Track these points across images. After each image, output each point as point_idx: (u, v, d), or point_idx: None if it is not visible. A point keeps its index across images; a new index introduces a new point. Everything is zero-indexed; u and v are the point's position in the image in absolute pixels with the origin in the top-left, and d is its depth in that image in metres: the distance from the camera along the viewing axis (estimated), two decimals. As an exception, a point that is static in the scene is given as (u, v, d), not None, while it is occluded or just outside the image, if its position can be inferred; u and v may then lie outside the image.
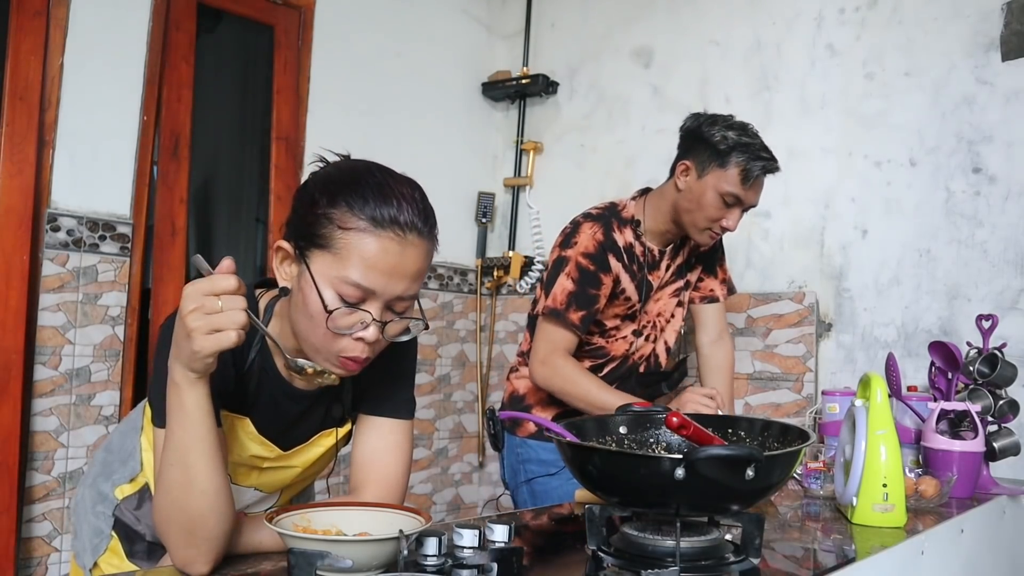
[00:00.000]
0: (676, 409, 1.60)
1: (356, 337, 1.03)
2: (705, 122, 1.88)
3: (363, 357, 1.06)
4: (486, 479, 3.34)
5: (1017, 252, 2.27)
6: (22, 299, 2.12)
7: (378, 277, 1.00)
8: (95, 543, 1.30)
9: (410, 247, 1.02)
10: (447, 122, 3.28)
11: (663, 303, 2.06)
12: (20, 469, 2.10)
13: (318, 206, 1.02)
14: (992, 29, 2.34)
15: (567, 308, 1.88)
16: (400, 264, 1.01)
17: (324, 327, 1.02)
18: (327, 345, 1.04)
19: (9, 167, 2.12)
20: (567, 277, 1.90)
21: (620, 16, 3.13)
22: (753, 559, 1.06)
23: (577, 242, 1.92)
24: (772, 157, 1.86)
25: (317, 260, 1.02)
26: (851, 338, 2.53)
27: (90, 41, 2.26)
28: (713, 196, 1.85)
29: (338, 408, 1.26)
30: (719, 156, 1.84)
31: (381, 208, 1.00)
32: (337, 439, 1.27)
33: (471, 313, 3.32)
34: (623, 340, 2.01)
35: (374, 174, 1.05)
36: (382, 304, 1.03)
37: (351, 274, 1.00)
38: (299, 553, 0.90)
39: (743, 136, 1.84)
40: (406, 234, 1.01)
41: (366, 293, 1.01)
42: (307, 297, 1.03)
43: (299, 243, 1.05)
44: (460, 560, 0.96)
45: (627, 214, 1.99)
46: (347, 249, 1.00)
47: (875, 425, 1.41)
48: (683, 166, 1.90)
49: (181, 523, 0.98)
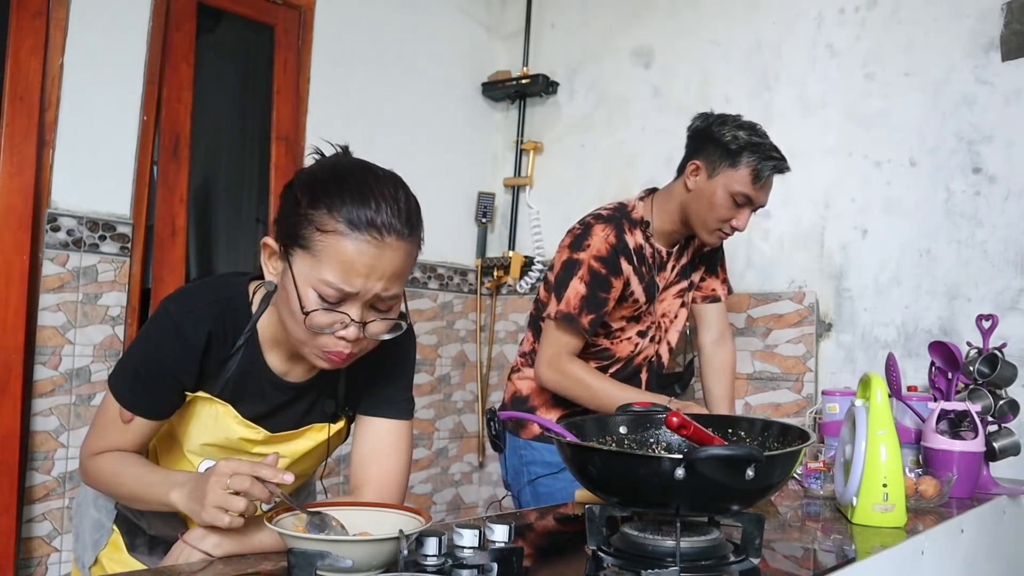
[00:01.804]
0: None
1: (338, 336, 1.05)
2: (715, 122, 1.88)
3: (346, 353, 1.07)
4: (486, 479, 3.34)
5: (1017, 252, 2.27)
6: (22, 299, 2.12)
7: (355, 279, 1.01)
8: (96, 538, 1.31)
9: (388, 249, 1.02)
10: (447, 122, 3.28)
11: (667, 303, 2.06)
12: (20, 469, 2.10)
13: (300, 206, 1.04)
14: (992, 29, 2.34)
15: (580, 313, 1.86)
16: (377, 266, 1.01)
17: (304, 325, 1.04)
18: (310, 340, 1.07)
19: (9, 167, 2.12)
20: (580, 281, 1.87)
21: (620, 16, 3.13)
22: (753, 559, 1.06)
23: (589, 244, 1.89)
24: (782, 157, 1.87)
25: (299, 260, 1.04)
26: (851, 338, 2.53)
27: (90, 41, 2.26)
28: (724, 196, 1.85)
29: (331, 404, 1.26)
30: (730, 156, 1.83)
31: (358, 210, 1.00)
32: (329, 435, 1.27)
33: (471, 313, 3.32)
34: (628, 341, 2.00)
35: (355, 173, 1.05)
36: (361, 304, 1.04)
37: (328, 276, 1.01)
38: (299, 553, 0.90)
39: (753, 136, 1.85)
40: (384, 236, 1.01)
41: (344, 295, 1.02)
42: (289, 295, 1.05)
43: (284, 241, 1.07)
44: (460, 560, 0.96)
45: (637, 215, 1.97)
46: (325, 252, 1.01)
47: (875, 425, 1.41)
48: (693, 166, 1.89)
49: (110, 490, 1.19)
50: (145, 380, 1.14)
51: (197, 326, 1.13)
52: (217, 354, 1.15)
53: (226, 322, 1.15)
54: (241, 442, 1.23)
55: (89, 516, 1.33)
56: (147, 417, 1.16)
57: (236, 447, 1.24)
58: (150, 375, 1.14)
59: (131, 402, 1.15)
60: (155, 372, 1.14)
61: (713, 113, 1.92)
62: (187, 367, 1.13)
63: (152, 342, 1.15)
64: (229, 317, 1.16)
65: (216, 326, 1.14)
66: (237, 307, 1.17)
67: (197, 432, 1.22)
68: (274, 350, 1.19)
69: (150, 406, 1.16)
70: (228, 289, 1.18)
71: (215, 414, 1.20)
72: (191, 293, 1.19)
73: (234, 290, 1.18)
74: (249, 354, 1.18)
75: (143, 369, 1.15)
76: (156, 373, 1.14)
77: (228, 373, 1.17)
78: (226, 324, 1.15)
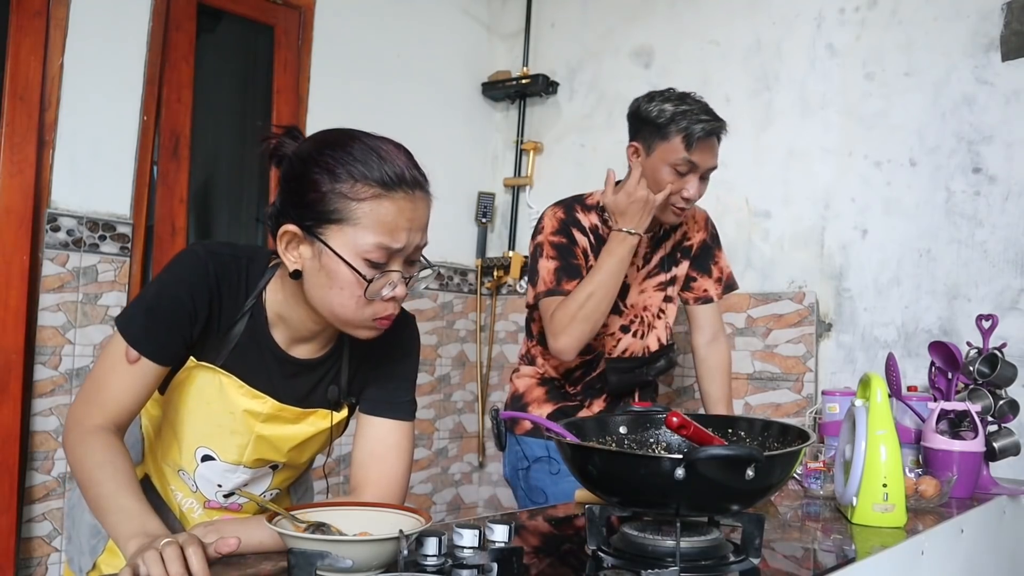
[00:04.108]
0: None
1: (388, 297, 1.09)
2: (643, 100, 1.91)
3: (395, 314, 1.11)
4: (486, 479, 3.34)
5: (1017, 252, 2.27)
6: (22, 299, 2.12)
7: (400, 235, 1.05)
8: (93, 544, 1.29)
9: (419, 200, 1.08)
10: (447, 122, 3.28)
11: (648, 296, 2.05)
12: (20, 469, 2.10)
13: (321, 184, 1.05)
14: (992, 29, 2.34)
15: (559, 283, 1.89)
16: (415, 218, 1.07)
17: (360, 296, 1.06)
18: (361, 313, 1.09)
19: (9, 167, 2.12)
20: (547, 259, 1.92)
21: (620, 16, 3.13)
22: (753, 559, 1.06)
23: (543, 227, 1.97)
24: (714, 117, 1.86)
25: (335, 236, 1.05)
26: (851, 338, 2.53)
27: (90, 41, 2.26)
28: (665, 169, 1.87)
29: (334, 390, 1.26)
30: (659, 129, 1.86)
31: (384, 171, 1.04)
32: (332, 423, 1.27)
33: (471, 313, 3.32)
34: (611, 336, 2.01)
35: (360, 140, 1.08)
36: (403, 261, 1.08)
37: (376, 239, 1.04)
38: (299, 553, 0.90)
39: (681, 105, 1.86)
40: (414, 189, 1.07)
41: (391, 253, 1.06)
42: (334, 272, 1.06)
43: (306, 224, 1.07)
44: (460, 560, 0.96)
45: (591, 201, 2.01)
46: (366, 218, 1.04)
47: (875, 425, 1.41)
48: (632, 148, 1.93)
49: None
50: (157, 313, 1.12)
51: (218, 268, 1.14)
52: (227, 312, 1.16)
53: (241, 279, 1.17)
54: (246, 417, 1.20)
55: (85, 521, 1.30)
56: (151, 358, 1.12)
57: (241, 428, 1.21)
58: (163, 307, 1.12)
59: (137, 337, 1.12)
60: (169, 305, 1.12)
61: (644, 94, 1.93)
62: (200, 304, 1.12)
63: (171, 274, 1.15)
64: (245, 276, 1.17)
65: (232, 278, 1.16)
66: (254, 271, 1.18)
67: (198, 409, 1.21)
68: (279, 327, 1.19)
69: (156, 345, 1.12)
70: (252, 252, 1.20)
71: (218, 386, 1.18)
72: (219, 244, 1.21)
73: (257, 256, 1.20)
74: (254, 325, 1.18)
75: (157, 301, 1.13)
76: (170, 306, 1.12)
77: (233, 341, 1.17)
78: (240, 280, 1.17)
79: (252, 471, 1.28)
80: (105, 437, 1.09)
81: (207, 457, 1.24)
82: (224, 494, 1.29)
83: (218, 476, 1.26)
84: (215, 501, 1.29)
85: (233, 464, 1.25)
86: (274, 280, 1.18)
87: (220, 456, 1.24)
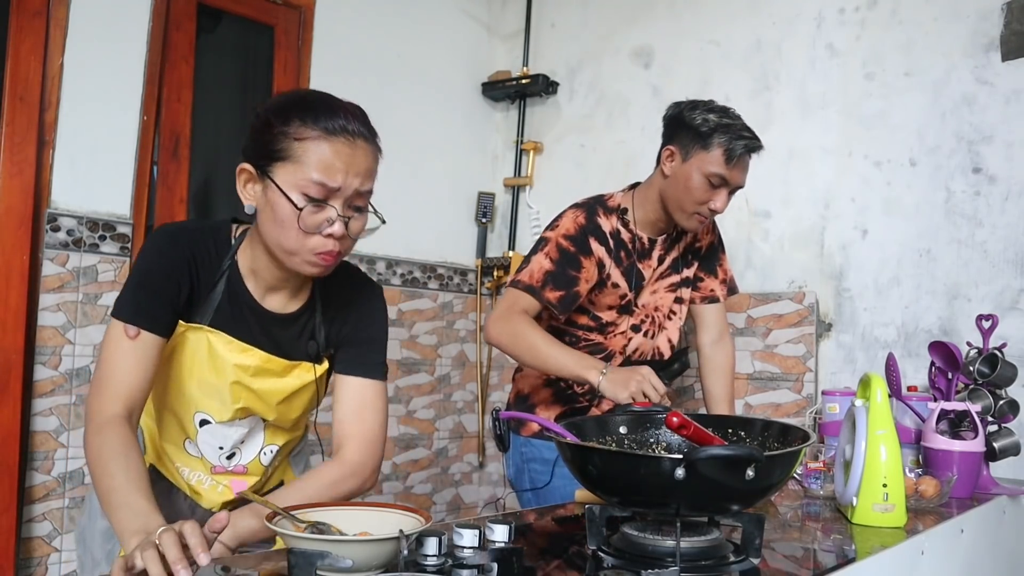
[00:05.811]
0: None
1: (326, 234, 1.15)
2: (686, 107, 1.91)
3: (336, 251, 1.18)
4: (486, 479, 3.34)
5: (1017, 252, 2.27)
6: (22, 299, 2.12)
7: (336, 175, 1.13)
8: (108, 548, 1.31)
9: (359, 149, 1.16)
10: (447, 122, 3.28)
11: (660, 297, 2.06)
12: (20, 469, 2.10)
13: (273, 127, 1.15)
14: (992, 29, 2.34)
15: (543, 286, 1.88)
16: (353, 163, 1.15)
17: (296, 228, 1.14)
18: (300, 245, 1.16)
19: (9, 167, 2.12)
20: (545, 256, 1.91)
21: (620, 16, 3.13)
22: (753, 559, 1.06)
23: (559, 225, 1.95)
24: (754, 136, 1.88)
25: (280, 171, 1.14)
26: (851, 338, 2.53)
27: (90, 41, 2.26)
28: (699, 178, 1.87)
29: (313, 345, 1.35)
30: (702, 138, 1.86)
31: (330, 120, 1.14)
32: (316, 376, 1.35)
33: (471, 313, 3.32)
34: (621, 336, 2.01)
35: (319, 94, 1.19)
36: (343, 202, 1.15)
37: (313, 175, 1.12)
38: (299, 553, 0.90)
39: (724, 118, 1.87)
40: (355, 139, 1.15)
41: (328, 192, 1.14)
42: (276, 205, 1.15)
43: (259, 163, 1.16)
44: (460, 560, 0.96)
45: (613, 203, 2.01)
46: (307, 155, 1.13)
47: (875, 425, 1.41)
48: (667, 152, 1.92)
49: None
50: (145, 287, 1.21)
51: (185, 240, 1.25)
52: (205, 276, 1.25)
53: (210, 247, 1.26)
54: (237, 372, 1.27)
55: (98, 524, 1.33)
56: (149, 328, 1.19)
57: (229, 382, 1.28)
58: (150, 282, 1.22)
59: (133, 312, 1.19)
60: (153, 280, 1.22)
61: (686, 100, 1.93)
62: (181, 273, 1.22)
63: (149, 252, 1.24)
64: (212, 244, 1.27)
65: (200, 249, 1.25)
66: (220, 238, 1.29)
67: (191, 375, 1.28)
68: (252, 279, 1.28)
69: (151, 317, 1.20)
70: (214, 223, 1.31)
71: (208, 345, 1.26)
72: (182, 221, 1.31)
73: (217, 224, 1.31)
74: (232, 283, 1.27)
75: (143, 278, 1.22)
76: (154, 281, 1.21)
77: (216, 300, 1.26)
78: (210, 245, 1.27)
79: (244, 424, 1.34)
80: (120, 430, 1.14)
81: (204, 421, 1.32)
82: (227, 455, 1.36)
83: (218, 438, 1.34)
84: (220, 465, 1.37)
85: (227, 422, 1.32)
86: (245, 240, 1.28)
87: (215, 417, 1.32)
